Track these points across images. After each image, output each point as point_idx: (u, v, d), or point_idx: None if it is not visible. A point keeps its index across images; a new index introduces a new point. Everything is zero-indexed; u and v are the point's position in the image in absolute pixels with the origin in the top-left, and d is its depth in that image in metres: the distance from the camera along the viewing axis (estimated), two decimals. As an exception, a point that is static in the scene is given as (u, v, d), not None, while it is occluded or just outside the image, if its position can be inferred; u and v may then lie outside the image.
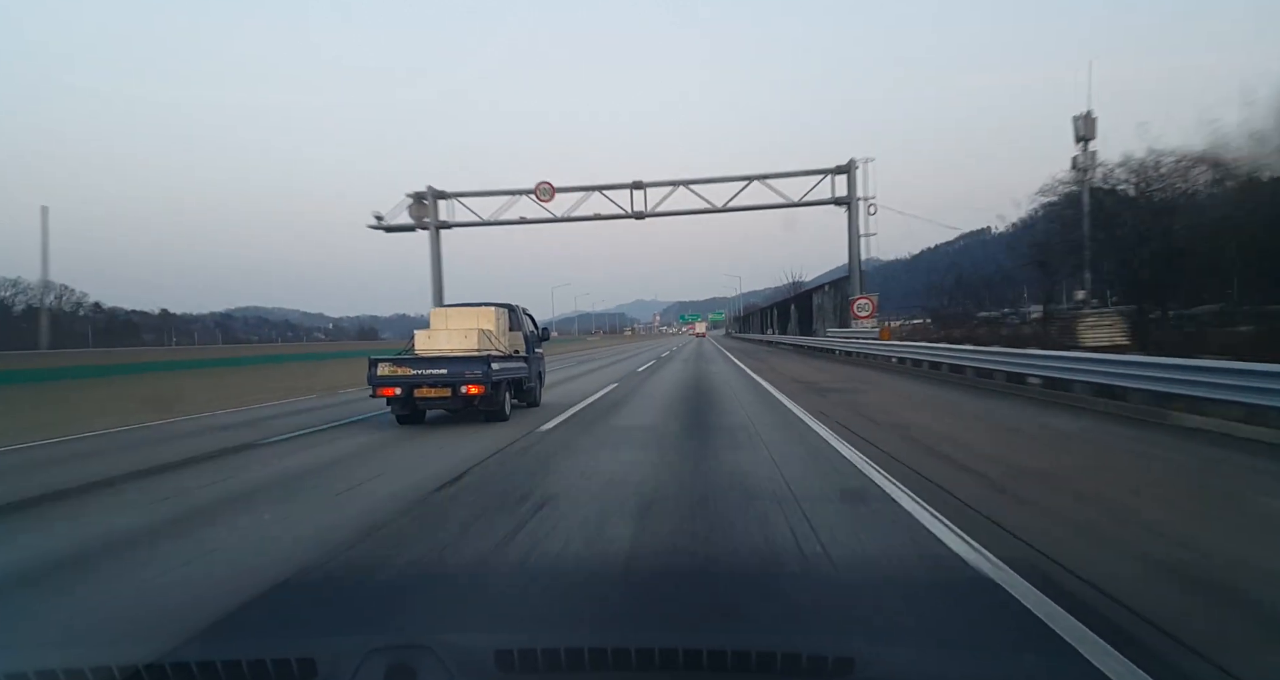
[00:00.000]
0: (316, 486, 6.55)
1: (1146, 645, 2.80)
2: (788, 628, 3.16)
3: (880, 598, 3.54)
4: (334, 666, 2.27)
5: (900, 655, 2.71)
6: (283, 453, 8.67)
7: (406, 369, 10.05)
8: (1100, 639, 2.83)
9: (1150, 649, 2.78)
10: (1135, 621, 3.04)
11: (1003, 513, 4.87)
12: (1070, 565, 3.73)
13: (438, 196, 30.64)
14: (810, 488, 5.84)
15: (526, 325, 13.28)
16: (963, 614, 3.33)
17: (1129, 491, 5.52)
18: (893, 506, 5.16)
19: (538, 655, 2.46)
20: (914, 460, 6.80)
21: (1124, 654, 2.70)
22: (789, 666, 2.34)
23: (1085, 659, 2.68)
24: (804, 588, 3.71)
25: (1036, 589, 3.38)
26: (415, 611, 3.47)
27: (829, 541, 4.29)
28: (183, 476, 7.25)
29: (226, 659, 2.38)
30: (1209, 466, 6.61)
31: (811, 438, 8.64)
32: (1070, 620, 3.01)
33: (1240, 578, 3.64)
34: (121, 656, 2.58)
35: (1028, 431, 9.01)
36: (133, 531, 5.14)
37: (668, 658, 2.37)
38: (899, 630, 3.08)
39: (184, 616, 3.36)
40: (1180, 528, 4.54)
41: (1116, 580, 3.51)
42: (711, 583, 3.83)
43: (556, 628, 3.20)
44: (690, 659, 2.36)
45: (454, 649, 2.47)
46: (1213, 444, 7.41)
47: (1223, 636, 2.95)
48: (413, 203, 30.20)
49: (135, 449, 9.60)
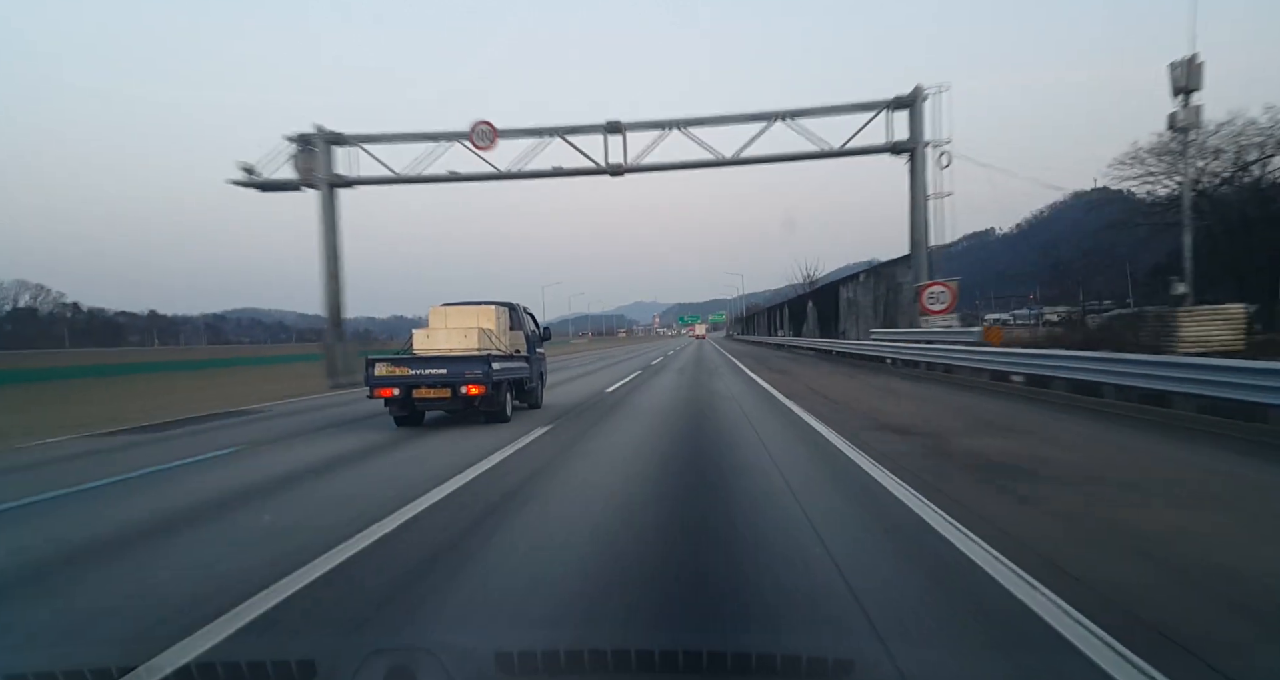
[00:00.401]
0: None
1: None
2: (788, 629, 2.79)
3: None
4: (334, 669, 2.42)
5: (901, 657, 2.53)
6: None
7: (405, 369, 9.81)
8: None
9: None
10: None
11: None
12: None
13: (331, 141, 21.55)
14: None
15: (528, 324, 12.91)
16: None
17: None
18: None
19: (538, 657, 2.49)
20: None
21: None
22: (789, 668, 2.40)
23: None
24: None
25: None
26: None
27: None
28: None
29: (226, 661, 2.45)
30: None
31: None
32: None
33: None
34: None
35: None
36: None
37: (668, 660, 2.39)
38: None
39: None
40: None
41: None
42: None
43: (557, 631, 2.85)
44: (690, 661, 2.38)
45: (454, 651, 2.55)
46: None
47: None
48: (298, 151, 21.11)
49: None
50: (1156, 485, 5.36)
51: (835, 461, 6.64)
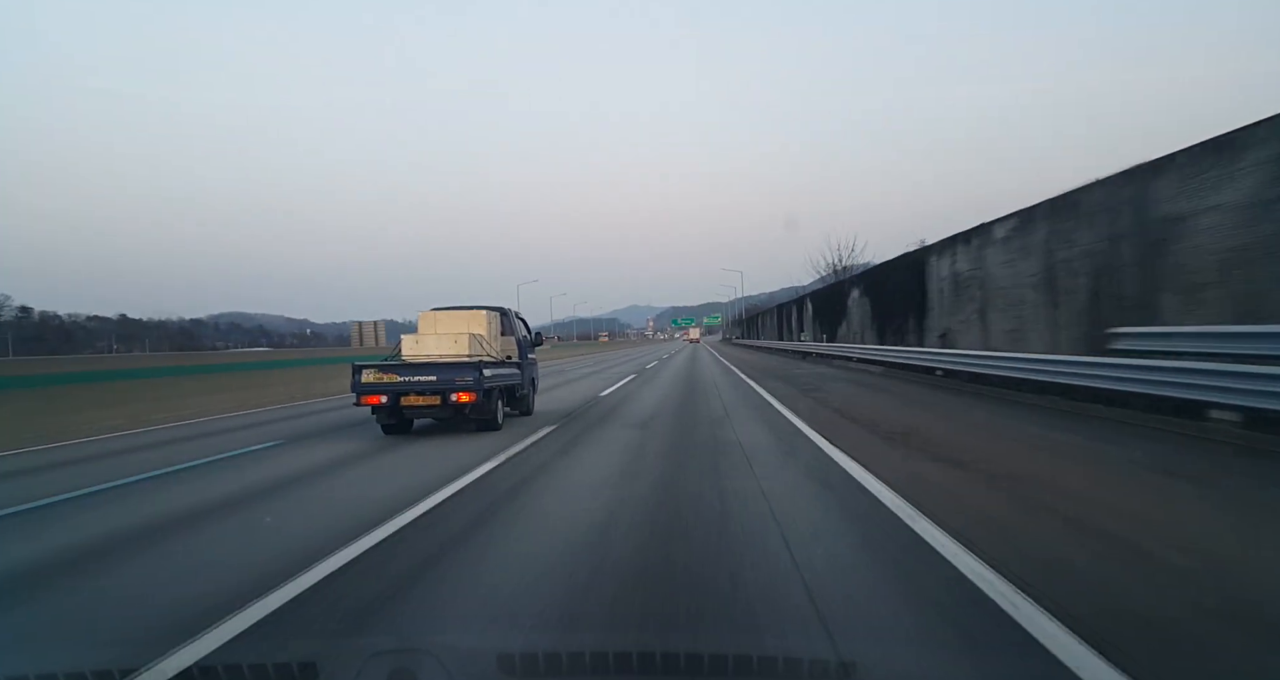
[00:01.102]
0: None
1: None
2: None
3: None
4: (335, 671, 2.40)
5: (901, 660, 2.57)
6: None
7: (393, 376, 9.50)
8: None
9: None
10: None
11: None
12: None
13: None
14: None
15: (520, 329, 12.52)
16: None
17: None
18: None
19: (539, 659, 2.47)
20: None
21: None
22: (790, 670, 2.36)
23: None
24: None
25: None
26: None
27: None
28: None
29: (228, 663, 2.42)
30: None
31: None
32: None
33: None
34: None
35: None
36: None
37: (669, 662, 2.38)
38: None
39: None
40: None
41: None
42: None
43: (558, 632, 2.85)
44: (691, 663, 2.36)
45: (455, 652, 2.55)
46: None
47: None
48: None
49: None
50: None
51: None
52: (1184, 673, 2.54)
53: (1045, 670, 2.48)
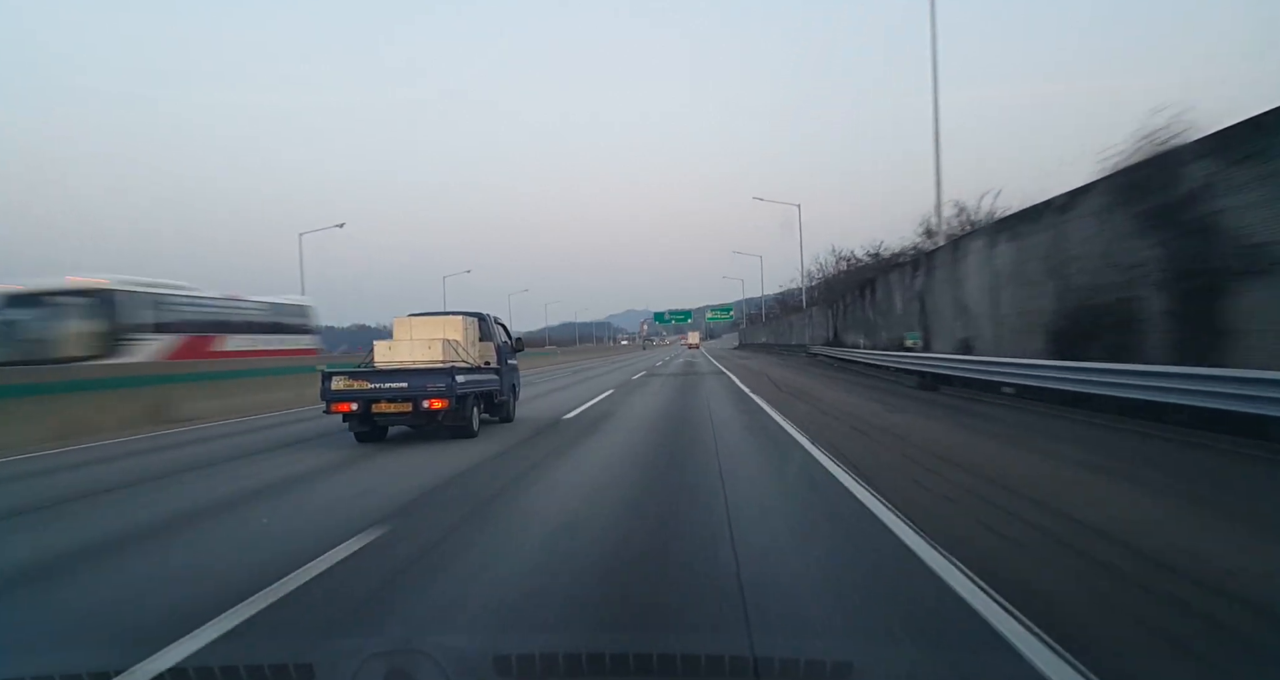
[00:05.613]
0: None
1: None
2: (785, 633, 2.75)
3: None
4: (332, 672, 2.40)
5: (898, 661, 2.54)
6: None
7: (363, 382, 9.37)
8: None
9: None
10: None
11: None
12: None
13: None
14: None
15: (499, 335, 12.31)
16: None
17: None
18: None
19: (535, 660, 2.48)
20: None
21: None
22: (787, 671, 2.38)
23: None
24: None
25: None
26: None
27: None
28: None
29: (224, 664, 2.37)
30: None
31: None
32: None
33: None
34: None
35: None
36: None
37: (665, 663, 2.38)
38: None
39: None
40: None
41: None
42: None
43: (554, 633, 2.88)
44: (688, 664, 2.36)
45: (452, 653, 2.52)
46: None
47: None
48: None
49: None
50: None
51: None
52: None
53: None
